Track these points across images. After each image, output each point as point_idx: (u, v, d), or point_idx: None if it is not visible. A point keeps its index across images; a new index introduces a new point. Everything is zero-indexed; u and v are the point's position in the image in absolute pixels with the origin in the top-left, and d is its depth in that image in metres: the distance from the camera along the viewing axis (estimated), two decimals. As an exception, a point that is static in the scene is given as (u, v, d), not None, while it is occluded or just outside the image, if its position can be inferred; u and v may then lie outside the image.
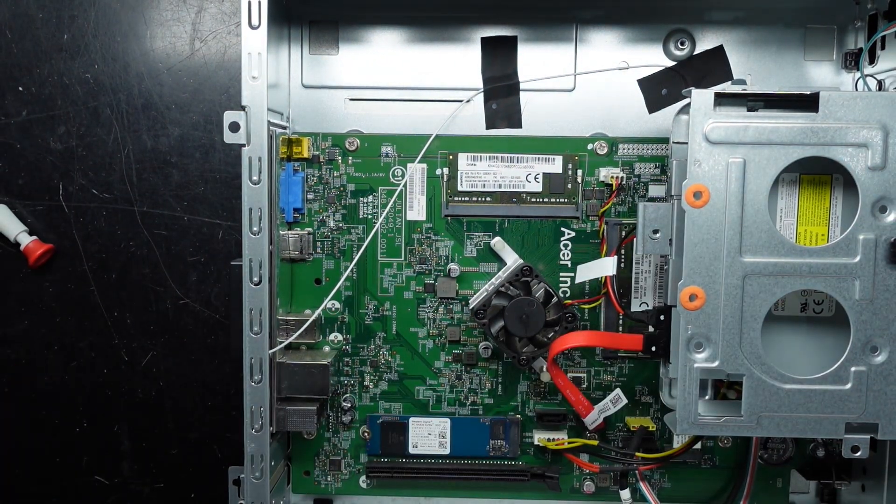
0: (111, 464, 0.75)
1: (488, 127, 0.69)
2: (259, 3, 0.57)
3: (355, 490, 0.71)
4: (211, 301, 0.73)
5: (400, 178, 0.68)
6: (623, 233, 0.66)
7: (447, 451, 0.69)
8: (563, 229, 0.68)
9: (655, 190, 0.67)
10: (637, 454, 0.65)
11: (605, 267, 0.63)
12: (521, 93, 0.69)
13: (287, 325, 0.65)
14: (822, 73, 0.68)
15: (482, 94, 0.69)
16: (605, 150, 0.67)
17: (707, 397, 0.57)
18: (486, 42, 0.69)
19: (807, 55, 0.68)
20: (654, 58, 0.68)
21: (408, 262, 0.69)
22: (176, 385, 0.74)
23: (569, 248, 0.68)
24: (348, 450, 0.71)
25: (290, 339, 0.64)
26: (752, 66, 0.68)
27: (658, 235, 0.58)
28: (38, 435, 0.74)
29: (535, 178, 0.67)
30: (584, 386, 0.69)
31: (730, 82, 0.66)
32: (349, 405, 0.70)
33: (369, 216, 0.68)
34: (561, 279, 0.68)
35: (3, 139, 0.72)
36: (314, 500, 0.72)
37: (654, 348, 0.60)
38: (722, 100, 0.54)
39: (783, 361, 0.56)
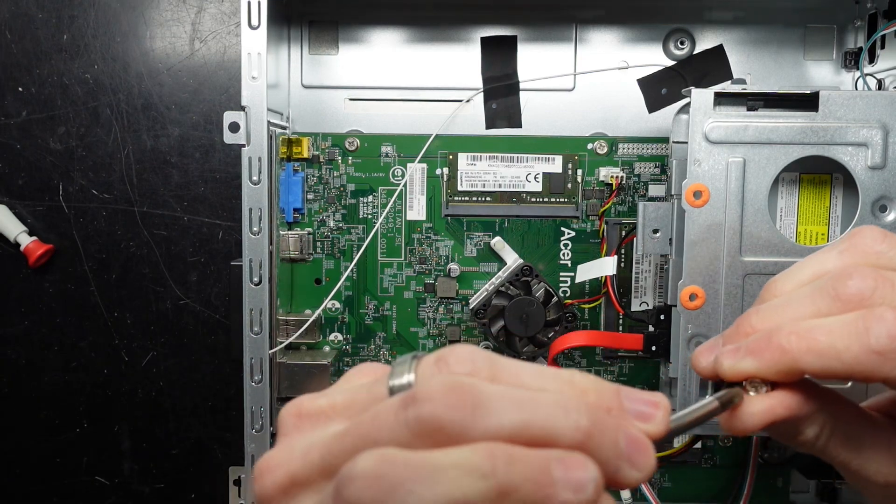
0: (111, 464, 0.75)
1: (488, 127, 0.69)
2: (259, 3, 0.57)
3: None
4: (211, 301, 0.73)
5: (400, 178, 0.68)
6: (623, 232, 0.66)
7: (447, 451, 0.69)
8: (563, 229, 0.68)
9: (655, 189, 0.67)
10: (637, 454, 0.65)
11: (605, 267, 0.63)
12: (520, 93, 0.69)
13: (287, 325, 0.65)
14: (821, 73, 0.68)
15: (482, 94, 0.69)
16: (605, 149, 0.67)
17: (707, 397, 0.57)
18: (485, 42, 0.69)
19: (807, 54, 0.68)
20: (653, 57, 0.68)
21: (408, 262, 0.69)
22: (176, 385, 0.74)
23: (569, 247, 0.68)
24: (348, 450, 0.71)
25: (290, 339, 0.64)
26: (751, 66, 0.68)
27: (658, 235, 0.58)
28: (38, 435, 0.74)
29: (535, 177, 0.67)
30: (585, 385, 0.69)
31: (729, 82, 0.66)
32: (349, 405, 0.70)
33: (369, 216, 0.68)
34: (561, 279, 0.68)
35: (3, 139, 0.72)
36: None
37: (654, 348, 0.60)
38: (722, 99, 0.54)
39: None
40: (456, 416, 0.24)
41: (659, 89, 0.68)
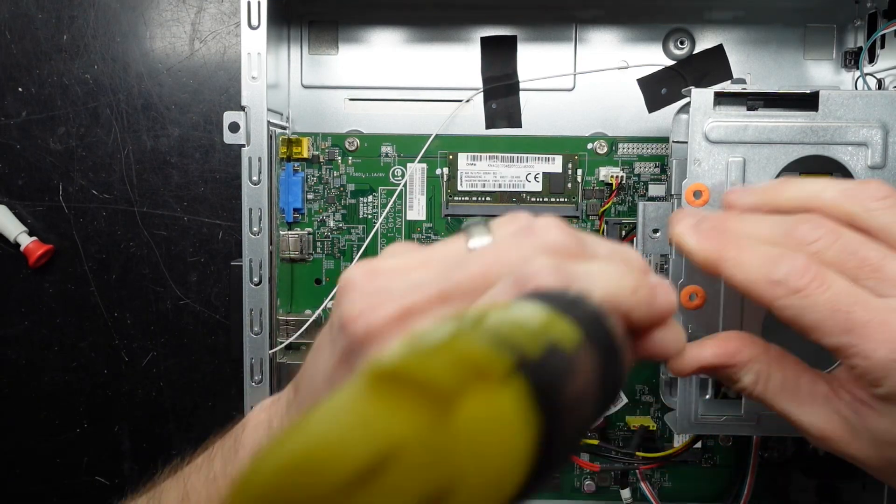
0: (111, 464, 0.75)
1: (488, 127, 0.69)
2: (259, 3, 0.57)
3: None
4: (211, 301, 0.73)
5: (400, 178, 0.68)
6: (623, 232, 0.66)
7: (447, 451, 0.69)
8: (563, 229, 0.68)
9: (655, 189, 0.67)
10: (637, 453, 0.65)
11: (605, 266, 0.63)
12: (520, 92, 0.69)
13: (287, 326, 0.65)
14: (821, 72, 0.68)
15: (482, 94, 0.69)
16: (605, 149, 0.67)
17: (707, 396, 0.57)
18: (485, 42, 0.69)
19: (806, 54, 0.68)
20: (653, 57, 0.68)
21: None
22: (176, 385, 0.74)
23: (569, 247, 0.68)
24: (348, 450, 0.71)
25: (291, 340, 0.64)
26: (751, 65, 0.68)
27: (658, 235, 0.58)
28: (38, 435, 0.74)
29: (535, 177, 0.67)
30: (585, 385, 0.69)
31: (729, 81, 0.66)
32: (349, 405, 0.70)
33: (369, 216, 0.68)
34: (561, 279, 0.68)
35: (3, 140, 0.72)
36: (314, 500, 0.72)
37: (654, 348, 0.60)
38: (721, 99, 0.54)
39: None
40: (572, 243, 0.31)
41: (659, 89, 0.68)
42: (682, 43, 0.68)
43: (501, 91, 0.69)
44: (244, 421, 0.41)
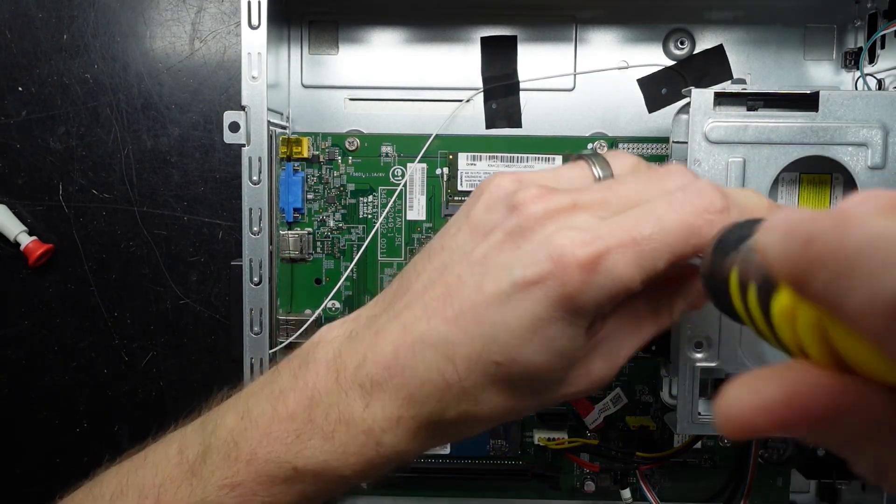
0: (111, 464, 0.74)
1: (488, 127, 0.69)
2: (259, 3, 0.57)
3: (355, 490, 0.71)
4: (211, 301, 0.73)
5: (400, 178, 0.68)
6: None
7: (447, 451, 0.69)
8: (563, 229, 0.68)
9: (655, 189, 0.67)
10: (637, 453, 0.65)
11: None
12: (520, 92, 0.69)
13: (287, 325, 0.65)
14: (821, 73, 0.68)
15: (482, 94, 0.69)
16: (605, 149, 0.67)
17: (707, 397, 0.57)
18: (485, 42, 0.69)
19: (806, 54, 0.68)
20: (653, 57, 0.68)
21: (408, 262, 0.68)
22: (176, 385, 0.74)
23: (569, 247, 0.68)
24: (348, 450, 0.71)
25: (291, 339, 0.64)
26: (751, 66, 0.68)
27: (658, 235, 0.58)
28: (38, 435, 0.74)
29: (535, 177, 0.67)
30: (585, 385, 0.69)
31: (729, 81, 0.66)
32: (349, 405, 0.70)
33: (369, 216, 0.68)
34: (561, 279, 0.68)
35: (3, 139, 0.72)
36: (314, 500, 0.72)
37: (654, 348, 0.60)
38: (722, 99, 0.54)
39: (783, 360, 0.56)
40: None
41: (659, 89, 0.68)
42: (682, 43, 0.68)
43: (501, 91, 0.69)
44: (315, 341, 0.44)
